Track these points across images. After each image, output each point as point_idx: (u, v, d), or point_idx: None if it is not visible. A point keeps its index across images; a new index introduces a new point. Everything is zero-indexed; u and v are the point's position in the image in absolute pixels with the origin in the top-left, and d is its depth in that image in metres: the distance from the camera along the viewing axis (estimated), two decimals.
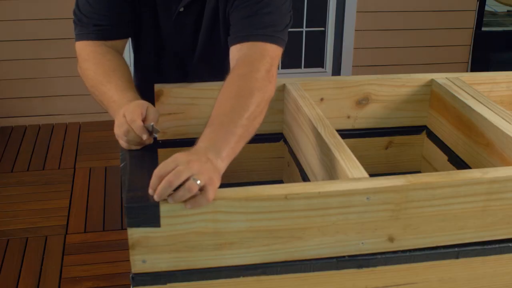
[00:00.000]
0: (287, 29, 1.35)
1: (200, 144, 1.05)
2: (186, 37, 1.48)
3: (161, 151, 1.23)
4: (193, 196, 0.96)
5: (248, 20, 1.32)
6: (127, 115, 1.13)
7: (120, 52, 1.41)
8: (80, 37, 1.38)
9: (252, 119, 1.13)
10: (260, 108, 1.17)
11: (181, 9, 1.43)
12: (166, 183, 0.95)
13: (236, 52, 1.30)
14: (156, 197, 0.96)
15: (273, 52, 1.28)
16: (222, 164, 1.03)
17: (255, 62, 1.24)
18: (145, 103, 1.17)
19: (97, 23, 1.36)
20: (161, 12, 1.45)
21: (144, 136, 1.12)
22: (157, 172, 0.97)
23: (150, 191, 0.98)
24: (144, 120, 1.13)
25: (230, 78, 1.22)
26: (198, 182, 0.95)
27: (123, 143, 1.18)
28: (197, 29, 1.47)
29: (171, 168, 0.97)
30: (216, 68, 1.50)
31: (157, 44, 1.51)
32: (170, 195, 0.96)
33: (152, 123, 1.14)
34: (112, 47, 1.38)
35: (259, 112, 1.16)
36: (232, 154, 1.07)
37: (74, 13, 1.40)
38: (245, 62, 1.25)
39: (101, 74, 1.29)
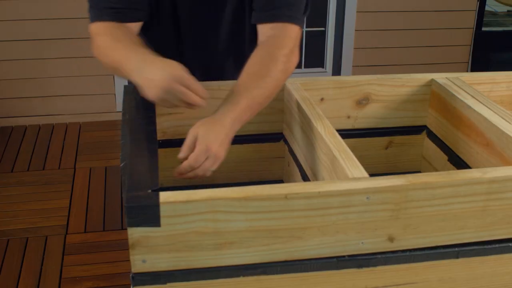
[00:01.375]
0: (307, 13, 1.45)
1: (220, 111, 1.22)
2: (206, 23, 1.49)
3: (161, 151, 1.23)
4: None
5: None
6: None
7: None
8: (95, 18, 1.38)
9: (266, 95, 1.29)
10: (277, 83, 1.32)
11: None
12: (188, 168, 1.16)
13: (268, 29, 1.38)
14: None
15: (297, 33, 1.39)
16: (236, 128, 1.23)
17: (282, 43, 1.35)
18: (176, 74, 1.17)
19: (112, 6, 1.36)
20: None
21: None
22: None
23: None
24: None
25: (255, 55, 1.34)
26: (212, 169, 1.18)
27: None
28: (218, 14, 1.48)
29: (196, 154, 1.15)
30: (239, 60, 1.51)
31: (176, 33, 1.51)
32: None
33: None
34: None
35: (273, 86, 1.32)
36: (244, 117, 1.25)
37: None
38: (273, 42, 1.36)
39: (113, 41, 1.31)
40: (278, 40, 1.36)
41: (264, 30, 1.40)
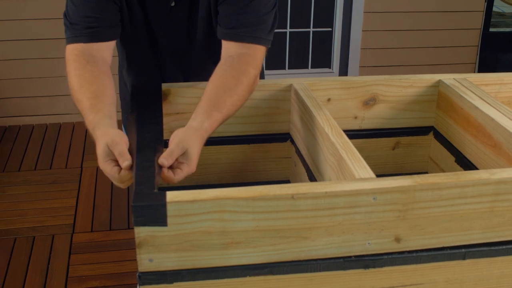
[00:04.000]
0: (274, 29, 1.43)
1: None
2: (181, 33, 1.48)
3: None
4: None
5: (243, 17, 1.36)
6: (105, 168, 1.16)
7: (108, 56, 1.40)
8: (71, 40, 1.37)
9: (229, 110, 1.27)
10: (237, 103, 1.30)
11: (172, 4, 1.43)
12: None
13: (235, 47, 1.37)
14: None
15: (263, 54, 1.39)
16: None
17: (255, 63, 1.35)
18: (111, 142, 1.19)
19: (89, 26, 1.35)
20: (150, 8, 1.44)
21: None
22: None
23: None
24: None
25: (228, 66, 1.32)
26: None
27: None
28: (192, 23, 1.47)
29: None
30: (216, 65, 1.51)
31: (152, 44, 1.51)
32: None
33: None
34: (101, 51, 1.37)
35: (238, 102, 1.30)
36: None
37: (64, 16, 1.39)
38: (246, 59, 1.34)
39: (77, 84, 1.30)
40: (250, 59, 1.35)
41: (230, 47, 1.38)
